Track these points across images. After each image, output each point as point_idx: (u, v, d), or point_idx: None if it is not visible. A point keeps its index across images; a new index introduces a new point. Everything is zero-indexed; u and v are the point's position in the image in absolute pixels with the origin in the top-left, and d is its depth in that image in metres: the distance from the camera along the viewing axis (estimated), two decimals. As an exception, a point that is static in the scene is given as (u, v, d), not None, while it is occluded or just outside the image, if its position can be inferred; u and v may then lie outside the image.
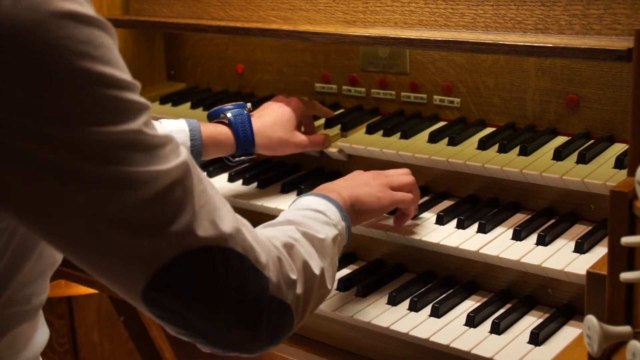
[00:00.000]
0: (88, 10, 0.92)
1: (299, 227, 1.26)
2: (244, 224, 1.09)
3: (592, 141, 1.63)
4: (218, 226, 1.02)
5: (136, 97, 0.97)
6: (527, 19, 1.56)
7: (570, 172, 1.51)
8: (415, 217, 1.59)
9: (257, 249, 1.07)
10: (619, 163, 1.51)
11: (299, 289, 1.14)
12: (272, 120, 1.73)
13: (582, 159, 1.54)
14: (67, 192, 0.93)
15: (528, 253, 1.43)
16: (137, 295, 1.00)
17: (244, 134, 1.68)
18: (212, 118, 1.74)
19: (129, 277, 0.99)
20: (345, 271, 1.63)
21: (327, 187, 1.46)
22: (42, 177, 0.92)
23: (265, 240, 1.13)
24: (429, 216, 1.60)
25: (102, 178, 0.93)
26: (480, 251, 1.46)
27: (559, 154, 1.57)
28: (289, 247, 1.17)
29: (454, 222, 1.55)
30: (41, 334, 1.24)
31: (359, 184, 1.50)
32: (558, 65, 1.66)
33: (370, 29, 1.73)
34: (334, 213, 1.36)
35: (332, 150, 1.78)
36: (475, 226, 1.53)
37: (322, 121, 1.89)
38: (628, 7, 1.45)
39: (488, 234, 1.51)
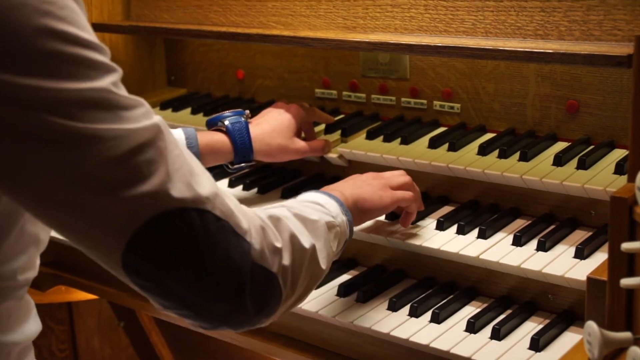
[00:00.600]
0: None
1: (291, 209, 1.24)
2: (226, 194, 1.07)
3: (592, 147, 1.63)
4: (194, 188, 1.01)
5: (103, 58, 0.97)
6: (527, 24, 1.57)
7: (570, 177, 1.51)
8: (415, 223, 1.59)
9: (237, 215, 1.06)
10: (619, 169, 1.51)
11: (285, 260, 1.12)
12: (271, 127, 1.74)
13: (582, 165, 1.55)
14: (30, 151, 0.93)
15: (528, 259, 1.43)
16: (116, 264, 0.99)
17: (241, 142, 1.69)
18: (210, 125, 1.75)
19: (106, 243, 0.98)
20: (345, 277, 1.63)
21: (328, 187, 1.46)
22: (2, 136, 0.92)
23: (248, 210, 1.11)
24: (429, 222, 1.60)
25: (64, 135, 0.93)
26: (481, 257, 1.46)
27: (559, 160, 1.57)
28: (275, 219, 1.15)
29: (454, 227, 1.56)
30: (33, 324, 1.24)
31: (359, 185, 1.49)
32: (558, 71, 1.67)
33: (370, 35, 1.74)
34: (332, 206, 1.34)
35: (332, 155, 1.79)
36: (475, 232, 1.53)
37: (322, 127, 1.89)
38: (628, 13, 1.46)
39: (488, 240, 1.51)
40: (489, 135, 1.75)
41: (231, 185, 1.86)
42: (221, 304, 1.04)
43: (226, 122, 1.69)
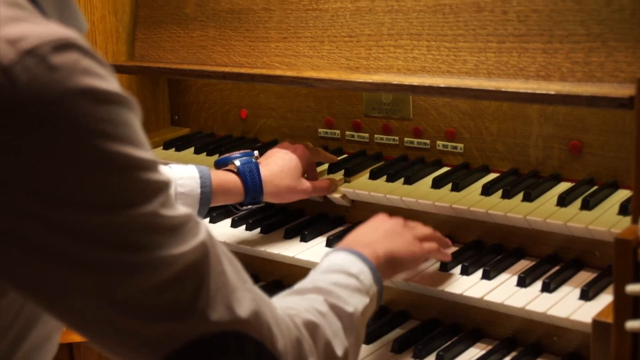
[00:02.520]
0: (110, 85, 0.88)
1: (328, 297, 1.21)
2: (265, 301, 1.06)
3: (596, 187, 1.63)
4: (234, 310, 0.98)
5: (154, 176, 0.93)
6: (529, 66, 1.58)
7: (574, 218, 1.51)
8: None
9: (275, 333, 1.04)
10: (623, 209, 1.51)
11: None
12: (279, 168, 1.74)
13: (586, 206, 1.55)
14: (74, 276, 0.90)
15: (533, 300, 1.43)
16: None
17: (252, 183, 1.69)
18: (219, 166, 1.75)
19: None
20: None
21: (360, 240, 1.42)
22: (50, 261, 0.89)
23: (285, 318, 1.09)
24: (433, 262, 1.59)
25: (113, 264, 0.90)
26: (485, 298, 1.45)
27: (563, 200, 1.57)
28: (312, 327, 1.13)
29: (458, 268, 1.55)
30: None
31: (391, 236, 1.46)
32: (561, 112, 1.68)
33: (373, 75, 1.75)
34: (367, 277, 1.31)
35: (336, 195, 1.79)
36: (479, 272, 1.53)
37: (325, 166, 1.90)
38: (629, 55, 1.47)
39: (492, 281, 1.51)
40: (492, 176, 1.75)
41: (234, 225, 1.86)
42: None
43: (237, 163, 1.69)
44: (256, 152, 1.77)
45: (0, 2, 0.88)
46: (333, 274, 1.29)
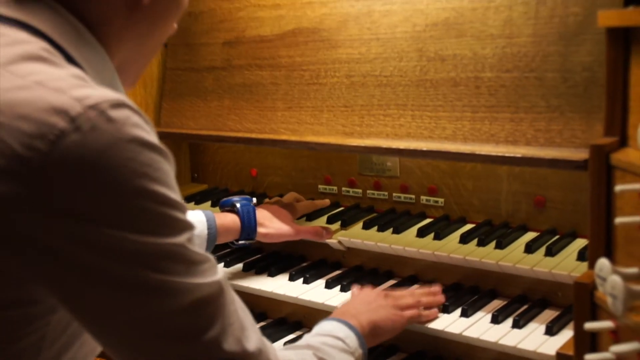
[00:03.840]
0: (153, 138, 0.92)
1: (317, 352, 1.22)
2: (268, 344, 1.06)
3: (557, 237, 1.64)
4: (243, 344, 0.99)
5: (183, 216, 0.95)
6: (499, 132, 1.59)
7: (539, 264, 1.52)
8: None
9: None
10: (581, 256, 1.53)
11: None
12: (272, 213, 1.79)
13: (550, 253, 1.56)
14: (108, 292, 0.92)
15: (505, 335, 1.42)
16: None
17: (248, 222, 1.74)
18: (223, 206, 1.80)
19: None
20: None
21: (348, 311, 1.44)
22: (95, 283, 0.91)
23: (285, 355, 1.09)
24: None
25: (144, 283, 0.92)
26: (463, 334, 1.46)
27: (530, 248, 1.58)
28: None
29: (441, 307, 1.55)
30: None
31: (374, 308, 1.47)
32: (527, 172, 1.69)
33: (365, 140, 1.77)
34: (352, 341, 1.33)
35: (333, 242, 1.79)
36: (458, 311, 1.53)
37: (324, 218, 1.91)
38: (583, 124, 1.49)
39: (470, 318, 1.51)
40: (469, 226, 1.76)
41: (245, 269, 1.85)
42: None
43: (237, 205, 1.75)
44: (254, 199, 1.82)
45: (69, 75, 0.92)
46: (323, 336, 1.32)
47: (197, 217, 1.67)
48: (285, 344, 1.61)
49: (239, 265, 1.89)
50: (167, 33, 1.18)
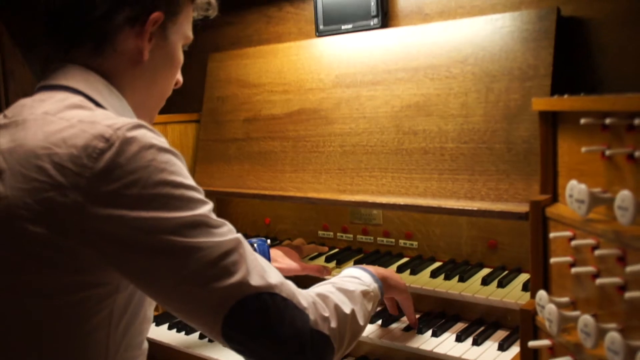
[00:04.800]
0: (165, 144, 0.98)
1: (335, 284, 1.21)
2: (289, 282, 1.05)
3: (506, 272, 1.65)
4: (266, 279, 0.99)
5: (200, 196, 0.99)
6: (459, 190, 1.60)
7: (493, 294, 1.53)
8: (387, 326, 1.58)
9: (297, 295, 1.04)
10: (525, 287, 1.53)
11: (333, 324, 1.08)
12: (282, 253, 1.79)
13: (501, 285, 1.57)
14: (154, 260, 0.95)
15: (467, 351, 1.43)
16: (218, 334, 0.98)
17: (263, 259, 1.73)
18: None
19: (209, 320, 0.98)
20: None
21: (365, 266, 1.41)
22: (145, 255, 0.94)
23: (304, 291, 1.09)
24: (399, 325, 1.60)
25: (177, 247, 0.94)
26: (434, 350, 1.45)
27: (485, 281, 1.59)
28: (323, 296, 1.12)
29: (416, 329, 1.55)
30: None
31: (387, 271, 1.46)
32: (482, 221, 1.70)
33: (355, 196, 1.77)
34: (366, 277, 1.31)
35: (331, 277, 1.77)
36: (430, 332, 1.53)
37: (323, 258, 1.91)
38: (524, 184, 1.50)
39: (439, 337, 1.51)
40: (437, 264, 1.77)
41: None
42: (292, 358, 1.01)
43: (255, 245, 1.73)
44: (268, 240, 1.83)
45: (100, 113, 1.01)
46: (341, 277, 1.31)
47: None
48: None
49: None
50: (170, 82, 1.21)
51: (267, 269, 1.02)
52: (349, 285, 1.23)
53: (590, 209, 1.00)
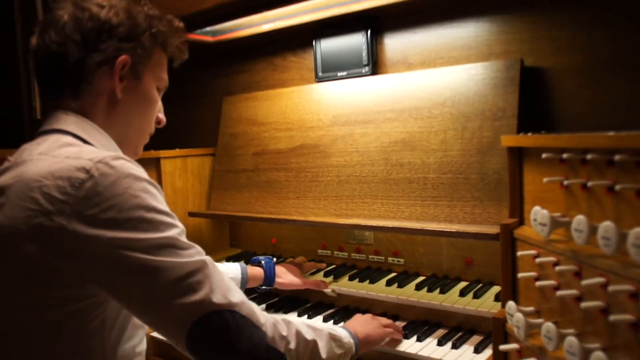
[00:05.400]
0: (144, 175, 0.98)
1: (305, 323, 1.16)
2: (251, 303, 1.03)
3: (481, 285, 1.63)
4: (228, 298, 0.97)
5: (170, 220, 0.97)
6: (440, 214, 1.60)
7: (469, 304, 1.52)
8: None
9: (257, 314, 1.02)
10: (497, 298, 1.53)
11: (292, 345, 1.05)
12: (286, 269, 1.78)
13: (476, 296, 1.56)
14: (125, 277, 0.93)
15: (447, 354, 1.41)
16: (183, 346, 0.96)
17: (269, 274, 1.72)
18: (252, 262, 1.78)
19: (175, 334, 0.95)
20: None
21: (347, 325, 1.38)
22: (119, 271, 0.93)
23: (267, 314, 1.06)
24: None
25: (150, 265, 0.93)
26: (419, 353, 1.43)
27: (463, 293, 1.58)
28: (287, 321, 1.09)
29: (403, 334, 1.52)
30: None
31: (366, 323, 1.42)
32: (459, 241, 1.69)
33: (350, 220, 1.76)
34: (342, 331, 1.25)
35: (328, 290, 1.78)
36: (415, 337, 1.51)
37: (322, 273, 1.89)
38: (495, 209, 1.50)
39: (423, 342, 1.49)
40: (421, 278, 1.75)
41: (267, 308, 1.81)
42: None
43: (263, 262, 1.74)
44: (275, 259, 1.81)
45: (86, 149, 1.01)
46: (319, 330, 1.21)
47: (235, 267, 1.67)
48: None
49: (263, 306, 1.86)
50: (148, 119, 1.19)
51: (232, 288, 0.99)
52: (319, 326, 1.18)
53: (552, 231, 1.01)
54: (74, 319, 0.98)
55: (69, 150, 1.01)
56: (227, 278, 1.01)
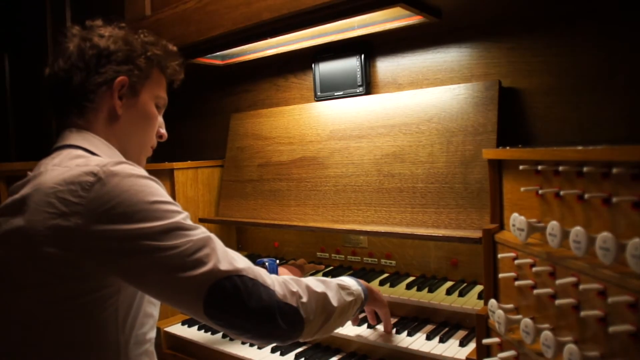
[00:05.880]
0: (144, 173, 0.99)
1: (313, 277, 1.16)
2: (257, 267, 1.01)
3: (465, 284, 1.63)
4: (234, 264, 0.97)
5: (176, 207, 0.98)
6: (428, 220, 1.60)
7: (455, 302, 1.51)
8: (373, 327, 1.55)
9: (264, 276, 1.01)
10: (480, 297, 1.52)
11: (304, 298, 1.04)
12: (287, 271, 1.76)
13: (461, 295, 1.55)
14: (140, 260, 0.94)
15: (434, 347, 1.41)
16: (202, 315, 0.95)
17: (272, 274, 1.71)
18: (257, 264, 1.74)
19: (193, 304, 0.95)
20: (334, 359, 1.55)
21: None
22: (134, 258, 0.94)
23: (275, 276, 1.04)
24: (381, 327, 1.55)
25: (161, 248, 0.94)
26: (409, 347, 1.43)
27: (450, 292, 1.57)
28: (295, 279, 1.08)
29: (394, 330, 1.52)
30: None
31: (370, 286, 1.39)
32: (445, 244, 1.69)
33: (346, 225, 1.76)
34: (350, 281, 1.23)
35: None
36: (405, 332, 1.50)
37: (320, 274, 1.88)
38: (477, 215, 1.51)
39: (413, 337, 1.49)
40: (411, 278, 1.74)
41: None
42: (265, 326, 0.98)
43: (266, 263, 1.71)
44: (277, 260, 1.80)
45: (93, 159, 1.02)
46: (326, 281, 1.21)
47: None
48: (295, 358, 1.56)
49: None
50: (148, 134, 1.21)
51: (237, 257, 1.00)
52: (326, 279, 1.17)
53: (528, 235, 1.02)
54: (88, 309, 0.99)
55: (78, 160, 1.04)
56: (231, 250, 1.01)
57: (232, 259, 0.99)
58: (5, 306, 1.00)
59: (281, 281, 1.04)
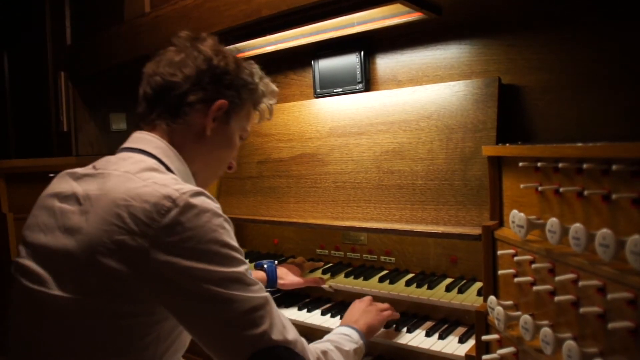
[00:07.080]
0: (220, 211, 0.97)
1: (333, 343, 1.20)
2: (303, 339, 1.03)
3: (465, 281, 1.63)
4: (285, 335, 0.97)
5: (240, 256, 0.97)
6: (427, 217, 1.59)
7: (454, 298, 1.52)
8: None
9: (307, 351, 1.02)
10: (479, 293, 1.52)
11: None
12: (286, 270, 1.78)
13: (461, 291, 1.56)
14: (202, 304, 0.92)
15: (434, 344, 1.42)
16: None
17: (271, 277, 1.72)
18: (256, 267, 1.77)
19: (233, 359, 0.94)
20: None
21: (350, 319, 1.40)
22: (190, 298, 0.92)
23: (313, 348, 1.07)
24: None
25: (220, 296, 0.92)
26: (409, 343, 1.44)
27: (449, 288, 1.58)
28: (325, 353, 1.10)
29: (394, 326, 1.54)
30: None
31: (366, 312, 1.42)
32: (445, 241, 1.69)
33: (345, 222, 1.74)
34: (355, 335, 1.29)
35: (326, 286, 1.77)
36: (405, 329, 1.51)
37: (320, 271, 1.89)
38: (477, 212, 1.50)
39: (413, 333, 1.50)
40: (410, 275, 1.74)
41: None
42: None
43: (265, 266, 1.73)
44: (276, 262, 1.80)
45: (170, 177, 1.00)
46: (336, 334, 1.29)
47: None
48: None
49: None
50: (224, 161, 1.19)
51: (287, 326, 1.00)
52: (344, 344, 1.21)
53: (528, 232, 1.02)
54: (132, 331, 0.97)
55: (155, 175, 1.00)
56: (282, 314, 1.01)
57: (283, 327, 0.98)
58: (46, 304, 0.97)
59: (316, 357, 1.05)
